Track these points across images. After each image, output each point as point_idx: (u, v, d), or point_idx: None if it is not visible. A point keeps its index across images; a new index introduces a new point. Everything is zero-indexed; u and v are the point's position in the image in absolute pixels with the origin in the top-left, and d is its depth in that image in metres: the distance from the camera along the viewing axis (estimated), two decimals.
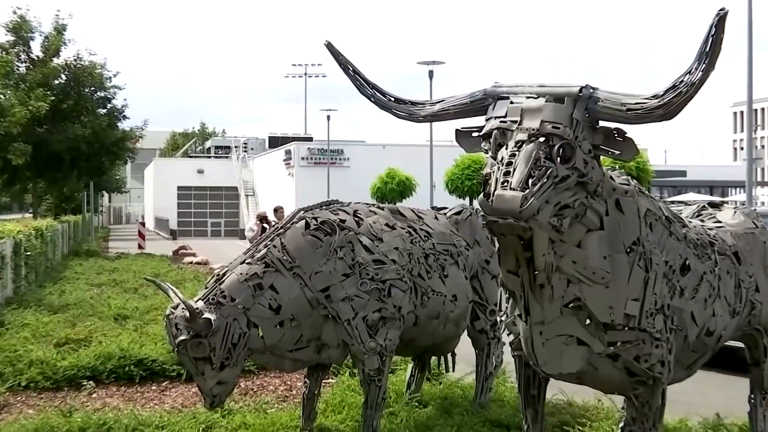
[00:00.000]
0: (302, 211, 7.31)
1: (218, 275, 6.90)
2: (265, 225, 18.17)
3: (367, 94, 5.33)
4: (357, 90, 5.37)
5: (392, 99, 5.32)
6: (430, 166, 39.36)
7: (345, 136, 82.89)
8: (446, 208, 8.68)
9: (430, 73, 37.72)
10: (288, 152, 60.13)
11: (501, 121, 4.71)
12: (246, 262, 6.94)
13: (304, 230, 7.05)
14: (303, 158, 58.73)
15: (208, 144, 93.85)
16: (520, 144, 4.57)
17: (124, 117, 41.18)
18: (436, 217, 8.20)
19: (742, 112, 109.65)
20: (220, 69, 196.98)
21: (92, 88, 39.64)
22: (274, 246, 6.93)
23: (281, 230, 7.10)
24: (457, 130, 5.11)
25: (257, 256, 6.92)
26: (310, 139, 68.00)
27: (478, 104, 4.99)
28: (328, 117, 54.86)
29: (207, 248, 42.60)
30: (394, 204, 9.99)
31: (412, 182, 47.77)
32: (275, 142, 73.05)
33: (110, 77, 40.16)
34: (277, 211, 18.50)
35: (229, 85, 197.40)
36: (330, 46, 5.21)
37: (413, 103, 5.31)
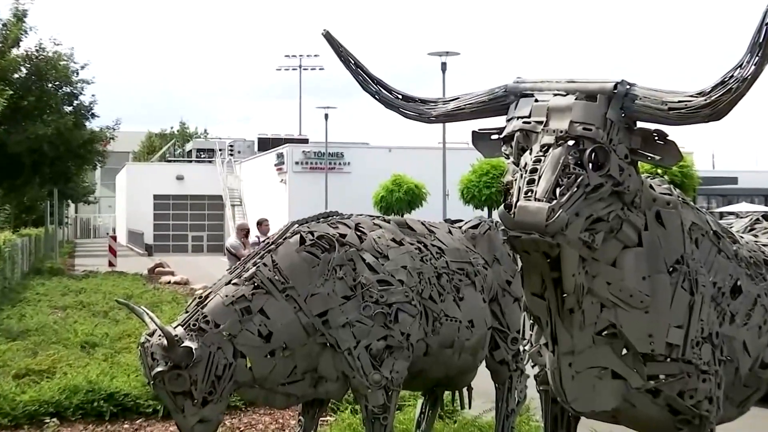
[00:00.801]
0: (296, 225, 7.41)
1: (200, 297, 6.99)
2: (245, 240, 17.71)
3: (371, 91, 5.40)
4: (360, 86, 5.44)
5: (400, 96, 5.39)
6: (442, 172, 38.69)
7: (345, 138, 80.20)
8: (462, 220, 8.78)
9: (443, 66, 37.26)
10: (280, 156, 59.54)
11: (524, 122, 4.78)
12: (232, 282, 7.01)
13: (298, 246, 7.13)
14: (297, 163, 58.02)
15: (188, 146, 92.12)
16: (546, 148, 4.63)
17: (93, 115, 41.20)
18: (450, 231, 8.27)
19: None
20: (203, 61, 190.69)
21: (56, 83, 39.72)
22: (264, 264, 7.00)
23: (272, 246, 7.18)
24: (474, 132, 5.18)
25: (245, 276, 6.98)
26: (305, 141, 67.54)
27: (499, 102, 5.05)
28: (326, 116, 54.36)
29: (187, 266, 42.57)
30: (402, 216, 10.00)
31: (423, 190, 47.40)
32: (265, 144, 72.01)
33: (77, 70, 40.22)
34: (261, 224, 17.92)
35: (213, 79, 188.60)
36: (328, 36, 5.26)
37: (424, 102, 5.37)
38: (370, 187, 48.96)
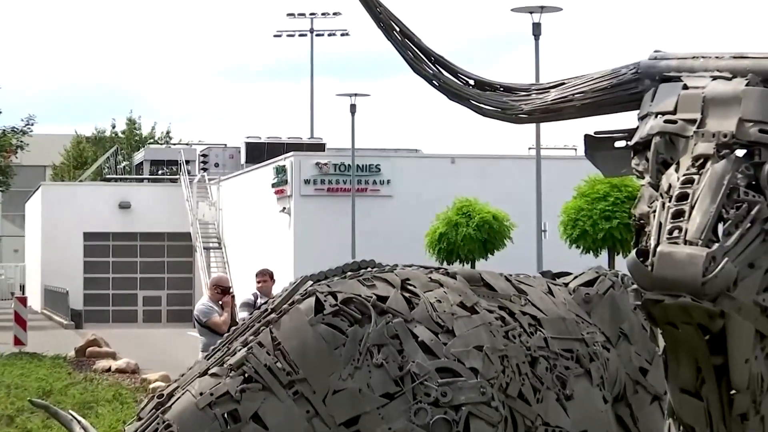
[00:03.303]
0: (309, 281, 6.42)
1: (160, 396, 6.01)
2: (225, 303, 13.22)
3: (426, 74, 4.72)
4: (408, 66, 4.78)
5: (471, 82, 4.74)
6: (536, 197, 28.57)
7: (383, 142, 65.71)
8: (568, 273, 7.44)
9: (535, 30, 27.07)
10: (281, 170, 42.11)
11: (667, 121, 4.15)
12: (210, 372, 6.03)
13: (312, 316, 6.10)
14: (308, 181, 41.07)
15: (138, 157, 64.55)
16: (702, 161, 4.01)
17: None
18: (551, 291, 6.95)
19: None
20: (160, 27, 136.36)
21: None
22: (261, 344, 6.01)
23: (272, 315, 6.16)
24: (588, 137, 4.62)
25: (230, 363, 5.99)
26: (320, 148, 50.27)
27: (627, 90, 4.43)
28: (353, 108, 39.29)
29: (137, 344, 33.47)
30: (473, 265, 8.21)
31: (505, 224, 33.61)
32: (257, 152, 51.06)
33: None
34: (261, 278, 13.91)
35: (176, 55, 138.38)
36: None
37: (509, 90, 4.72)
38: (423, 218, 35.08)
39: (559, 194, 31.46)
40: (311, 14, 65.48)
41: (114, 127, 76.50)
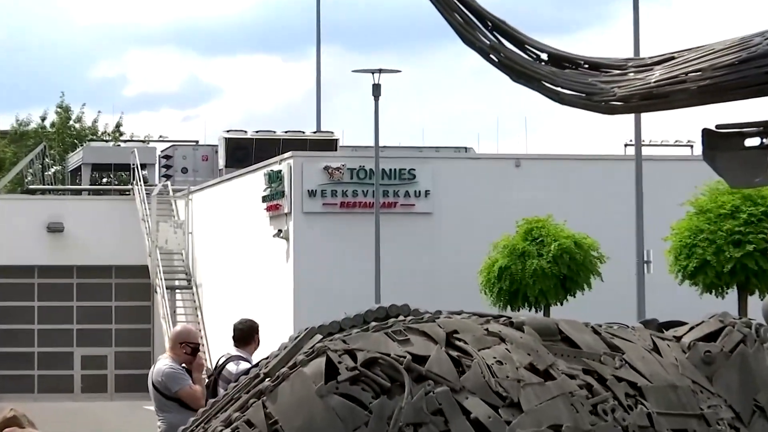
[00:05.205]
0: (318, 335, 5.51)
1: None
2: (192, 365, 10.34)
3: (481, 45, 3.97)
4: (456, 33, 3.96)
5: (545, 58, 4.01)
6: (636, 214, 24.28)
7: (418, 138, 50.06)
8: (682, 323, 6.21)
9: None
10: (275, 178, 33.61)
11: None
12: None
13: (323, 383, 5.25)
14: (313, 193, 32.64)
15: (74, 158, 51.78)
16: None
17: None
18: (656, 348, 5.92)
19: None
20: None
21: None
22: (249, 424, 5.23)
23: (264, 381, 5.36)
24: (706, 132, 3.97)
25: None
26: (330, 146, 40.71)
27: (761, 67, 3.65)
28: (377, 89, 29.60)
29: (74, 423, 29.04)
30: (546, 311, 6.98)
31: (591, 254, 26.79)
32: (241, 152, 41.24)
33: None
34: (242, 332, 10.98)
35: (127, 15, 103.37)
36: None
37: (597, 67, 3.97)
38: (475, 246, 28.13)
39: (667, 210, 25.01)
40: None
41: (43, 119, 59.98)
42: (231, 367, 9.75)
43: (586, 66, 4.13)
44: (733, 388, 5.99)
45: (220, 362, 10.13)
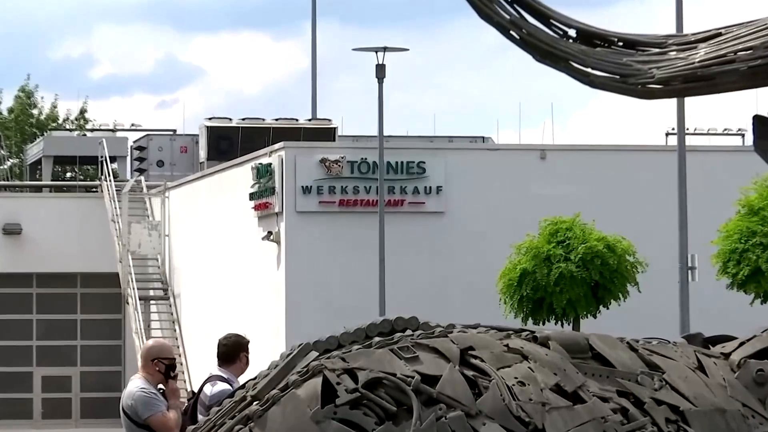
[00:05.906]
0: (313, 352, 5.25)
1: None
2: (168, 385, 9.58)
3: (501, 20, 3.82)
4: (472, 7, 3.93)
5: (572, 33, 3.85)
6: (678, 213, 22.35)
7: (428, 126, 50.16)
8: (731, 338, 5.85)
9: None
10: (264, 172, 31.12)
11: None
12: None
13: (319, 406, 5.01)
14: (308, 189, 30.35)
15: (34, 150, 46.90)
16: None
17: None
18: (702, 367, 5.61)
19: None
20: None
21: None
22: None
23: (252, 404, 5.12)
24: (758, 119, 3.80)
25: None
26: (328, 135, 37.80)
27: None
28: (381, 70, 27.61)
29: None
30: (575, 326, 6.61)
31: (626, 258, 24.34)
32: (225, 142, 38.40)
33: None
34: (227, 349, 10.19)
35: None
36: None
37: (633, 45, 3.81)
38: (494, 248, 26.36)
39: (714, 209, 23.30)
40: None
41: None
42: (207, 388, 9.04)
43: (621, 44, 3.91)
44: None
45: (203, 384, 9.38)
